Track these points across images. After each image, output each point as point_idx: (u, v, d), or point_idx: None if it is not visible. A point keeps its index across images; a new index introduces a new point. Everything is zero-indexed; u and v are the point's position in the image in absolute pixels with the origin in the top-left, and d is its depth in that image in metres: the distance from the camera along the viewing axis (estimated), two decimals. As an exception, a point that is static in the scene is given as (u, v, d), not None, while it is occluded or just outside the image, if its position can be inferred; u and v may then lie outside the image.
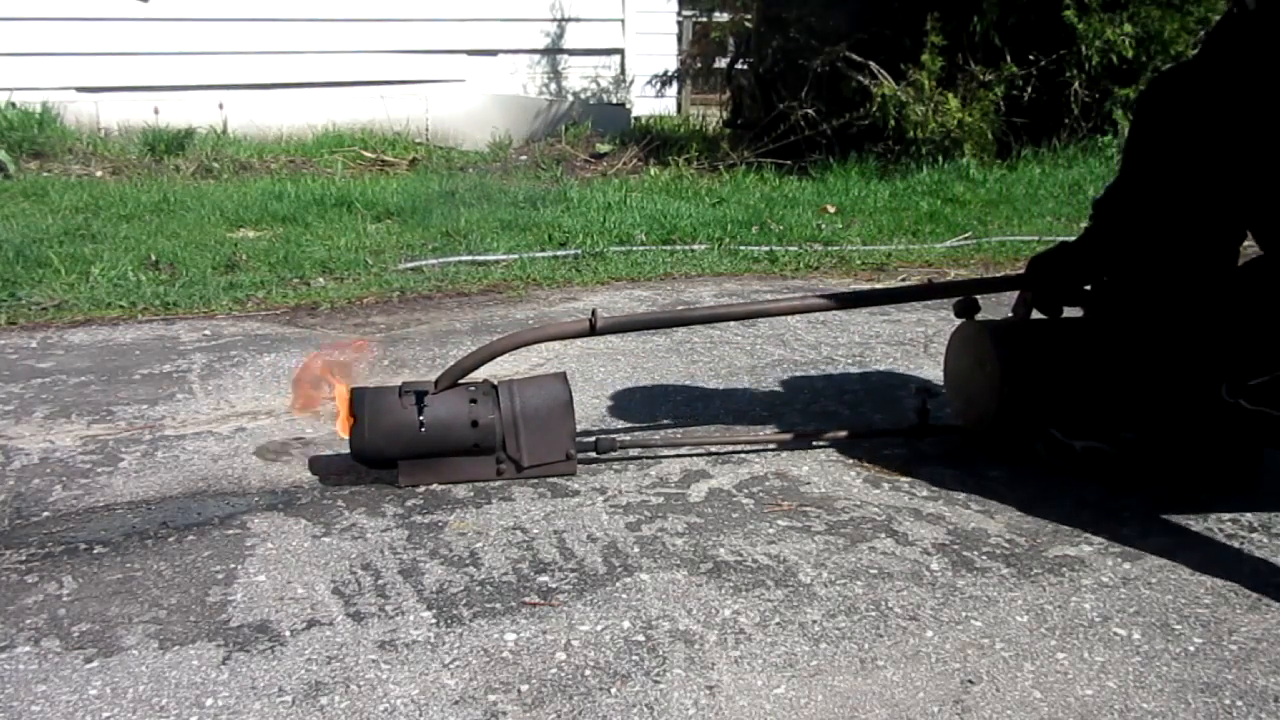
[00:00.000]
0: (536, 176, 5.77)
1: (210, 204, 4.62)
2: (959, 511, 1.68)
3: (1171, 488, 1.73)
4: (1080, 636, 1.31)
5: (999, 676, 1.23)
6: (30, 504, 1.73)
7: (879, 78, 5.51)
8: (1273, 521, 1.62)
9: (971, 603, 1.40)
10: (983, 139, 5.58)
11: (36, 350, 2.66)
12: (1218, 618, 1.36)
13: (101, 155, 6.14)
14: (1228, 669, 1.25)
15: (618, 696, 1.19)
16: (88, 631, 1.32)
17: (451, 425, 1.75)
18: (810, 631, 1.32)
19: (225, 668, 1.24)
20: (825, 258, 3.74)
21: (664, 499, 1.73)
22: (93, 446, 1.99)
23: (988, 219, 4.35)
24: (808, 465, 1.87)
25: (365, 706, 1.17)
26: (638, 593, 1.42)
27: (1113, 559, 1.52)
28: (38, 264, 3.47)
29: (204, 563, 1.51)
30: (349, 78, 7.00)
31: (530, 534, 1.60)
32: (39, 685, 1.21)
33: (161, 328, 2.89)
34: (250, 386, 2.35)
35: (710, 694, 1.19)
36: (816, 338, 2.73)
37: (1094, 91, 5.65)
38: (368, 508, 1.70)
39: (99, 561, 1.52)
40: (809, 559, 1.52)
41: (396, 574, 1.48)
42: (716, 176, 5.61)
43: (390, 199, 4.68)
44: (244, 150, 6.28)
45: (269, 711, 1.16)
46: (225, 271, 3.49)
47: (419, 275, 3.46)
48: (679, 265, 3.64)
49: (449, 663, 1.25)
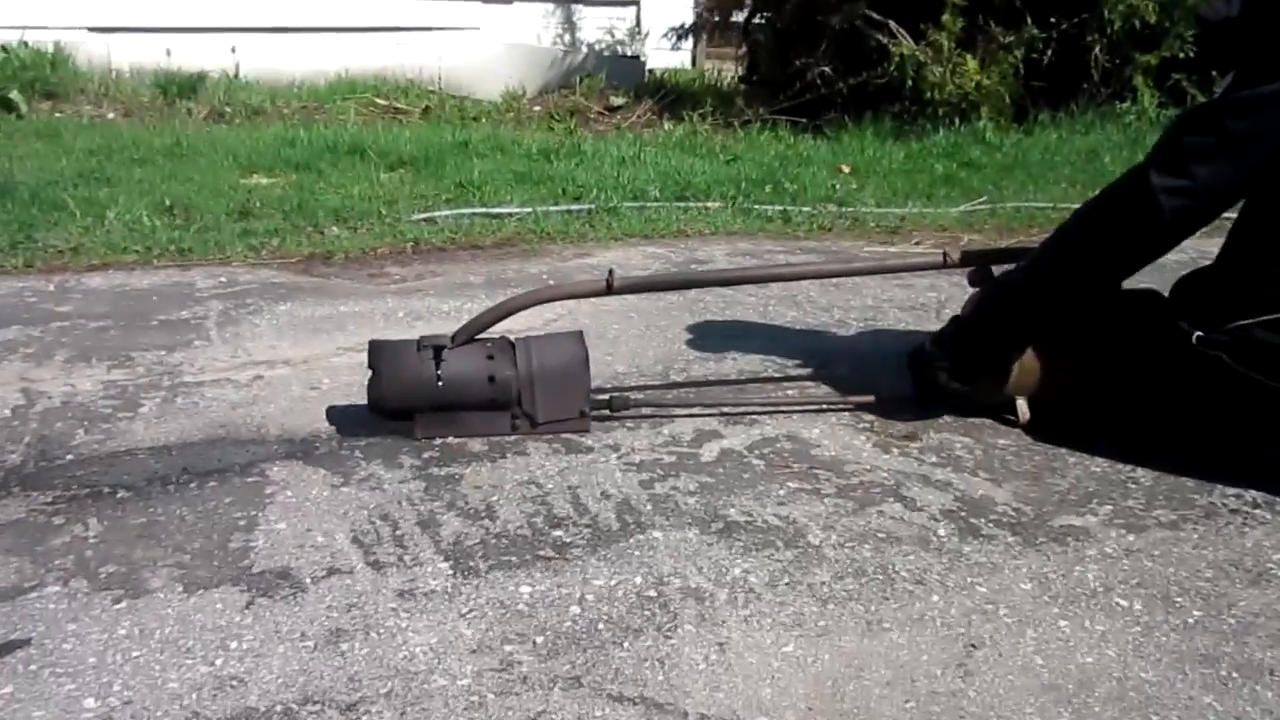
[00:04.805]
0: (550, 128, 5.74)
1: (223, 149, 4.62)
2: (967, 479, 1.70)
3: (1177, 462, 1.75)
4: (1082, 605, 1.34)
5: (1001, 642, 1.26)
6: (54, 447, 1.76)
7: (898, 37, 5.46)
8: (1275, 500, 1.65)
9: (977, 569, 1.42)
10: (1000, 102, 5.54)
11: (54, 294, 2.68)
12: (1218, 591, 1.39)
13: (113, 97, 6.12)
14: (1226, 641, 1.28)
15: (630, 650, 1.22)
16: (114, 573, 1.36)
17: (468, 380, 1.78)
18: (818, 592, 1.36)
19: (249, 612, 1.28)
20: (839, 219, 3.74)
21: (676, 458, 1.75)
22: (113, 391, 2.02)
23: (1003, 184, 4.33)
24: (818, 428, 1.89)
25: (385, 654, 1.21)
26: (650, 550, 1.45)
27: (1117, 530, 1.54)
28: (53, 207, 3.49)
29: (225, 509, 1.55)
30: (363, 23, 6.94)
31: (545, 489, 1.63)
32: (70, 624, 1.25)
33: (177, 274, 2.91)
34: (267, 335, 2.37)
35: (720, 650, 1.23)
36: (829, 300, 2.74)
37: (1115, 57, 5.59)
38: (385, 459, 1.73)
39: (123, 505, 1.55)
40: (818, 521, 1.54)
41: (414, 525, 1.51)
42: (731, 133, 5.59)
43: (403, 148, 4.67)
44: (256, 95, 6.25)
45: (292, 655, 1.20)
46: (239, 218, 3.50)
47: (432, 227, 3.46)
48: (692, 222, 3.64)
49: (466, 613, 1.29)
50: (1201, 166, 1.56)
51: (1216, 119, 1.58)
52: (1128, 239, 1.66)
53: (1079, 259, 1.73)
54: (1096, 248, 1.70)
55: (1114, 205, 1.70)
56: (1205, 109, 1.63)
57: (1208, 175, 1.56)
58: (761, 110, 5.80)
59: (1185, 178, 1.57)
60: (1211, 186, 1.57)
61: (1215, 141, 1.56)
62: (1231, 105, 1.57)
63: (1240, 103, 1.56)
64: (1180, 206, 1.58)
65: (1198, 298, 1.69)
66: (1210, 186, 1.57)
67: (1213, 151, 1.56)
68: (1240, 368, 1.61)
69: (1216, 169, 1.56)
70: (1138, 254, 1.68)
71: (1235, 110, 1.56)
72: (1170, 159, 1.60)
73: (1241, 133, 1.55)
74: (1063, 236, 1.76)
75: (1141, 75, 5.63)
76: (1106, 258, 1.70)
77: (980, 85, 5.45)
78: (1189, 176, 1.57)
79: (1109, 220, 1.69)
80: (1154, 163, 1.62)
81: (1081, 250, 1.73)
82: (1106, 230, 1.69)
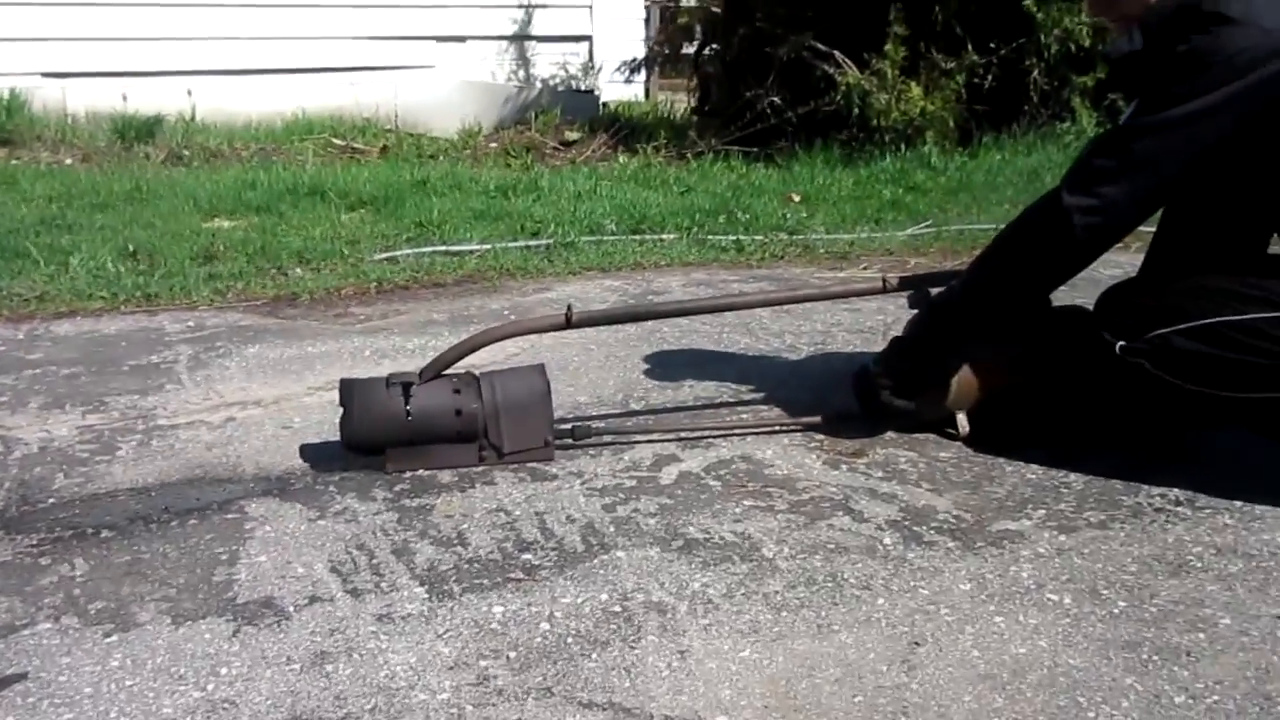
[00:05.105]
0: (507, 164, 5.84)
1: (183, 193, 4.66)
2: (911, 490, 1.81)
3: (1106, 467, 1.87)
4: (1016, 602, 1.45)
5: (942, 638, 1.36)
6: (35, 491, 1.82)
7: (843, 66, 5.63)
8: (1196, 497, 1.77)
9: (920, 573, 1.53)
10: (944, 127, 5.72)
11: (24, 341, 2.73)
12: (1141, 583, 1.50)
13: (70, 142, 6.14)
14: (1147, 628, 1.39)
15: (598, 661, 1.31)
16: (104, 609, 1.43)
17: (436, 414, 1.86)
18: (772, 601, 1.45)
19: (236, 640, 1.35)
20: (790, 247, 3.86)
21: (637, 482, 1.85)
22: (89, 436, 2.08)
23: (948, 206, 4.49)
24: (771, 449, 1.99)
25: (368, 673, 1.28)
26: (614, 568, 1.54)
27: (1050, 532, 1.66)
28: (16, 254, 3.52)
29: (207, 545, 1.61)
30: (318, 64, 7.03)
31: (513, 515, 1.71)
32: (63, 658, 1.31)
33: (145, 319, 2.96)
34: (237, 377, 2.44)
35: (682, 658, 1.32)
36: (781, 326, 2.85)
37: (1053, 79, 5.79)
38: (358, 492, 1.81)
39: (107, 545, 1.62)
40: (772, 535, 1.64)
41: (389, 553, 1.58)
42: (684, 164, 5.72)
43: (363, 188, 4.74)
44: (214, 137, 6.30)
45: (279, 678, 1.27)
46: (204, 262, 3.56)
47: (394, 265, 3.54)
48: (648, 254, 3.75)
49: (442, 633, 1.37)
50: (1109, 187, 1.70)
51: (1123, 143, 1.72)
52: (1045, 256, 1.79)
53: (1003, 277, 1.86)
54: (1018, 265, 1.83)
55: (1032, 225, 1.83)
56: (1112, 134, 1.77)
57: (1115, 194, 1.70)
58: (714, 141, 5.94)
59: (1095, 197, 1.71)
60: (1118, 205, 1.71)
61: (1121, 163, 1.70)
62: (1135, 130, 1.71)
63: (1143, 127, 1.69)
64: (1090, 224, 1.72)
65: (1120, 309, 1.82)
66: (1117, 205, 1.71)
67: (1119, 172, 1.69)
68: (1159, 373, 1.74)
69: (1122, 189, 1.69)
70: (1056, 270, 1.81)
71: (1138, 134, 1.69)
72: (1081, 180, 1.74)
73: (1145, 154, 1.69)
74: (988, 256, 1.89)
75: (1079, 96, 5.84)
76: (1028, 274, 1.83)
77: (925, 111, 5.63)
78: (1098, 196, 1.71)
79: (1028, 239, 1.83)
80: (1067, 184, 1.75)
81: (1005, 268, 1.86)
82: (1026, 248, 1.83)
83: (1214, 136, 1.65)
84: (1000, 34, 5.59)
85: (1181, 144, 1.67)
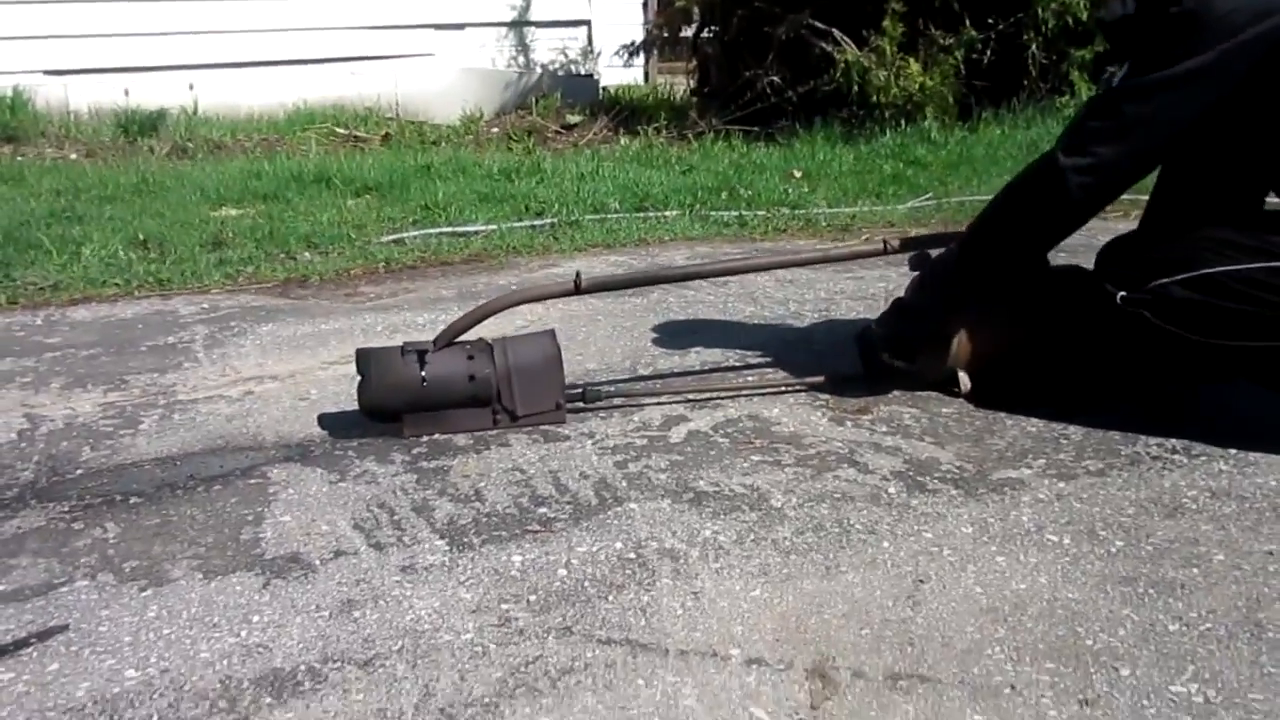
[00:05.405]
0: (509, 149, 5.88)
1: (189, 184, 4.71)
2: (914, 444, 1.86)
3: (1106, 420, 1.92)
4: (1017, 543, 1.50)
5: (945, 576, 1.41)
6: (63, 463, 1.87)
7: (842, 45, 5.65)
8: (1192, 445, 1.82)
9: (923, 518, 1.58)
10: (944, 102, 5.75)
11: (42, 327, 2.78)
12: (1138, 525, 1.55)
13: (74, 138, 6.19)
14: (1143, 564, 1.44)
15: (614, 603, 1.36)
16: (137, 567, 1.48)
17: (451, 380, 1.91)
18: (781, 546, 1.50)
19: (266, 591, 1.40)
20: (792, 220, 3.91)
21: (647, 440, 1.90)
22: (112, 412, 2.13)
23: (948, 180, 4.53)
24: (778, 408, 2.04)
25: (394, 618, 1.34)
26: (628, 519, 1.59)
27: (1049, 479, 1.70)
28: (28, 246, 3.57)
29: (232, 508, 1.67)
30: (318, 55, 7.06)
31: (528, 473, 1.76)
32: (103, 610, 1.37)
33: (159, 303, 3.01)
34: (253, 354, 2.49)
35: (695, 598, 1.37)
36: (785, 295, 2.90)
37: (1051, 54, 5.82)
38: (377, 456, 1.86)
39: (136, 510, 1.67)
40: (779, 487, 1.69)
41: (410, 511, 1.64)
42: (685, 145, 5.75)
43: (367, 174, 4.79)
44: (217, 130, 6.34)
45: (309, 624, 1.32)
46: (213, 249, 3.61)
47: (402, 247, 3.59)
48: (652, 231, 3.79)
49: (464, 580, 1.42)
50: (1103, 147, 1.74)
51: (1117, 104, 1.76)
52: (1042, 215, 1.83)
53: (1001, 236, 1.90)
54: (1016, 225, 1.88)
55: (1028, 186, 1.87)
56: (1105, 96, 1.80)
57: (1109, 155, 1.74)
58: (714, 121, 5.98)
59: (1089, 157, 1.75)
60: (1113, 164, 1.75)
61: (1114, 124, 1.74)
62: (1128, 91, 1.75)
63: (1135, 88, 1.74)
64: (1085, 184, 1.76)
65: (1121, 261, 1.86)
66: (1112, 165, 1.75)
67: (1112, 133, 1.73)
68: (1160, 322, 1.78)
69: (1116, 149, 1.74)
70: (1052, 229, 1.86)
71: (1130, 96, 1.73)
72: (1076, 141, 1.78)
73: (1138, 115, 1.73)
74: (986, 218, 1.93)
75: (1077, 70, 5.86)
76: (1025, 234, 1.87)
77: (924, 87, 5.66)
78: (1093, 155, 1.75)
79: (1025, 199, 1.87)
80: (1062, 145, 1.79)
81: (1003, 228, 1.90)
82: (1023, 208, 1.87)
83: (1207, 96, 1.70)
84: (998, 9, 5.61)
85: (1174, 104, 1.72)
